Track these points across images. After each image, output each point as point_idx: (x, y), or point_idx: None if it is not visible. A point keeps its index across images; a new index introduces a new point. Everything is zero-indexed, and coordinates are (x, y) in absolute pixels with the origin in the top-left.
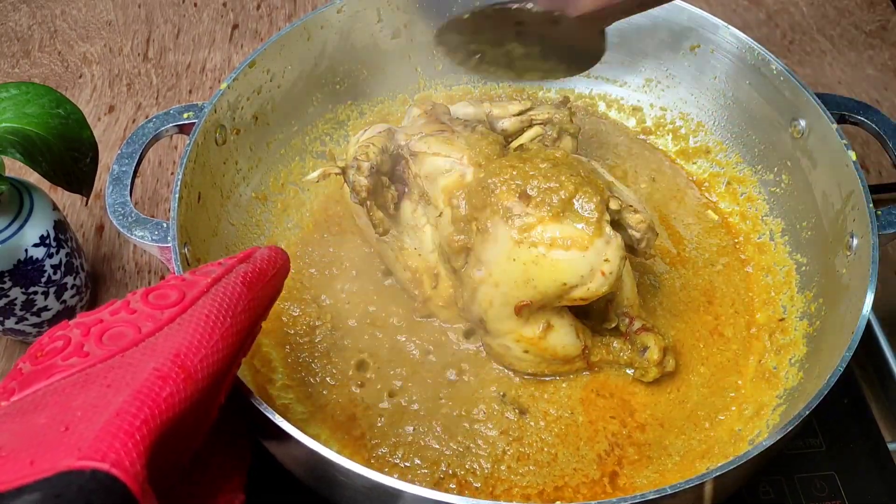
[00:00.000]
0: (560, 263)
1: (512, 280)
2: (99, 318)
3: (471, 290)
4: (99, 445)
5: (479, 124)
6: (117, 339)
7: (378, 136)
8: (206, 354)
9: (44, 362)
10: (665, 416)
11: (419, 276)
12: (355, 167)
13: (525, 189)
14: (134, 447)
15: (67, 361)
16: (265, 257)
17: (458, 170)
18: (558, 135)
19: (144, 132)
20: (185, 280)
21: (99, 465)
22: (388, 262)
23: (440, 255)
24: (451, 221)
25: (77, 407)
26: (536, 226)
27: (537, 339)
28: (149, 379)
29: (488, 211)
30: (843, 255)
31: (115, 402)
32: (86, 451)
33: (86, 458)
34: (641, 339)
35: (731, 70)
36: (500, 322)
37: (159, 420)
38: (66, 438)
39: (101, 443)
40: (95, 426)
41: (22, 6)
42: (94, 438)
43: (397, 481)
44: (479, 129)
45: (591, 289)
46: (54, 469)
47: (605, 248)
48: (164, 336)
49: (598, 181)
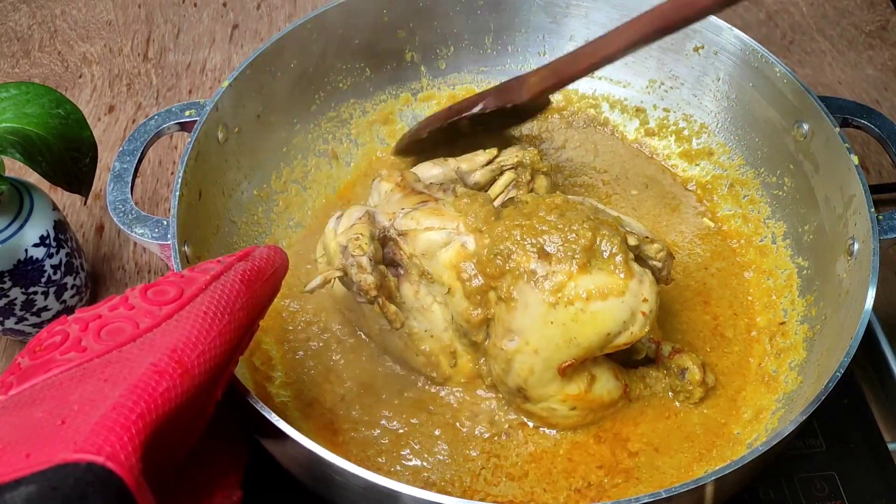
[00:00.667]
0: (600, 315)
1: (553, 344)
2: (97, 313)
3: (504, 362)
4: (95, 439)
5: (453, 184)
6: (115, 334)
7: (360, 225)
8: (204, 350)
9: (42, 357)
10: (661, 441)
11: (435, 358)
12: (355, 266)
13: (542, 246)
14: (130, 441)
15: (65, 356)
16: (264, 256)
17: (458, 240)
18: (532, 176)
19: (146, 130)
20: (183, 277)
21: (95, 458)
22: (395, 351)
23: (455, 332)
24: (465, 296)
25: (74, 401)
26: (567, 283)
27: (584, 394)
28: (146, 374)
29: (509, 278)
30: (844, 259)
31: (112, 396)
32: (82, 445)
33: (82, 451)
34: (677, 363)
35: (735, 72)
36: (543, 387)
37: (155, 415)
38: (63, 432)
39: (97, 436)
40: (91, 420)
41: (22, 6)
42: (90, 432)
43: (395, 482)
44: (459, 190)
45: (634, 333)
46: (50, 462)
47: (640, 288)
48: (161, 332)
49: (609, 220)
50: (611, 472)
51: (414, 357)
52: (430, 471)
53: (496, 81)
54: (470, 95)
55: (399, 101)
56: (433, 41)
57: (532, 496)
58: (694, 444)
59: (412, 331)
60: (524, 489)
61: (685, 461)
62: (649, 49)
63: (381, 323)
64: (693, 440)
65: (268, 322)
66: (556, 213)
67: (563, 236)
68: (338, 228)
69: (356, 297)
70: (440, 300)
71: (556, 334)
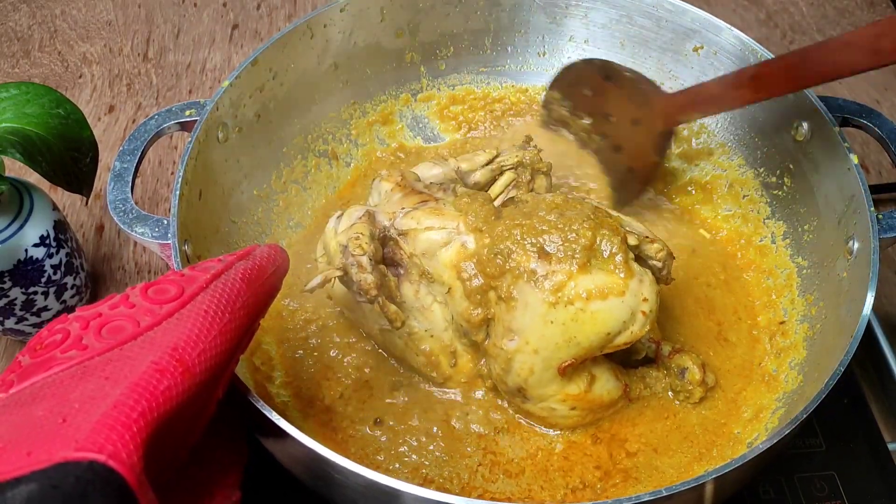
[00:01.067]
0: (600, 314)
1: (553, 343)
2: (98, 311)
3: (504, 362)
4: (96, 437)
5: (453, 184)
6: (116, 332)
7: (361, 224)
8: (205, 349)
9: (43, 355)
10: (660, 442)
11: (435, 357)
12: (355, 265)
13: (542, 246)
14: (131, 439)
15: (66, 354)
16: (265, 255)
17: (458, 240)
18: (531, 176)
19: (146, 129)
20: (184, 276)
21: (96, 456)
22: (395, 351)
23: (455, 332)
24: (465, 296)
25: (75, 399)
26: (568, 282)
27: (583, 394)
28: (147, 372)
29: (509, 277)
30: (843, 258)
31: (113, 394)
32: (83, 443)
33: (83, 450)
34: (677, 362)
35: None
36: (543, 387)
37: (157, 413)
38: (64, 430)
39: (99, 434)
40: (93, 418)
41: (22, 6)
42: (91, 430)
43: (394, 480)
44: (459, 189)
45: (634, 332)
46: (51, 460)
47: (639, 287)
48: (162, 330)
49: (608, 220)
50: (608, 472)
51: (414, 357)
52: (428, 468)
53: (496, 82)
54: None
55: (399, 102)
56: (433, 41)
57: (529, 493)
58: (693, 444)
59: (412, 330)
60: (521, 486)
61: (685, 461)
62: (649, 49)
63: (381, 322)
64: (692, 440)
65: (268, 322)
66: (556, 213)
67: (563, 236)
68: (338, 228)
69: (356, 296)
70: (440, 300)
71: (556, 334)
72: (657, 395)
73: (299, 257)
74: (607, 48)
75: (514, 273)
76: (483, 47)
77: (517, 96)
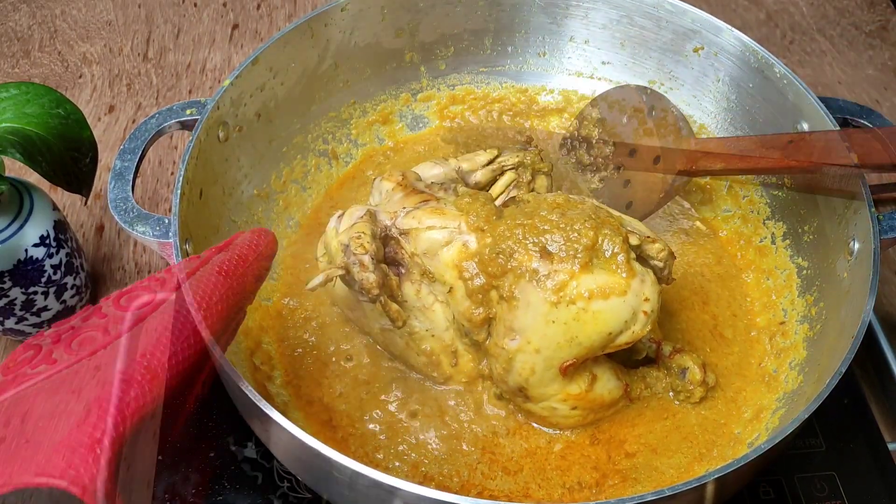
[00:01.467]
0: (602, 314)
1: (554, 343)
2: (71, 325)
3: (505, 361)
4: (57, 461)
5: (454, 184)
6: (87, 343)
7: (362, 223)
8: (176, 351)
9: (14, 371)
10: (659, 442)
11: (436, 357)
12: (357, 264)
13: (544, 246)
14: (94, 462)
15: (36, 369)
16: (246, 242)
17: (459, 239)
18: (532, 176)
19: (147, 128)
20: (157, 279)
21: (56, 482)
22: (396, 351)
23: (456, 332)
24: (467, 295)
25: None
26: (570, 282)
27: (584, 394)
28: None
29: (511, 277)
30: (844, 259)
31: (77, 411)
32: (43, 467)
33: (43, 475)
34: (677, 362)
35: (734, 73)
36: (544, 387)
37: (124, 426)
38: (25, 452)
39: (60, 458)
40: (56, 437)
41: (22, 6)
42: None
43: (394, 478)
44: (460, 189)
45: (635, 332)
46: (10, 485)
47: (641, 287)
48: (132, 336)
49: (610, 219)
50: (606, 473)
51: (415, 356)
52: (427, 465)
53: (496, 82)
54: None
55: (399, 102)
56: (433, 41)
57: (527, 491)
58: (693, 444)
59: (413, 330)
60: (519, 483)
61: (685, 461)
62: (649, 50)
63: (382, 322)
64: (692, 440)
65: (268, 321)
66: (558, 213)
67: (565, 235)
68: (339, 227)
69: (358, 295)
70: (442, 299)
71: (557, 333)
72: (657, 395)
73: (299, 257)
74: (608, 49)
75: (516, 272)
76: (483, 47)
77: (517, 96)
